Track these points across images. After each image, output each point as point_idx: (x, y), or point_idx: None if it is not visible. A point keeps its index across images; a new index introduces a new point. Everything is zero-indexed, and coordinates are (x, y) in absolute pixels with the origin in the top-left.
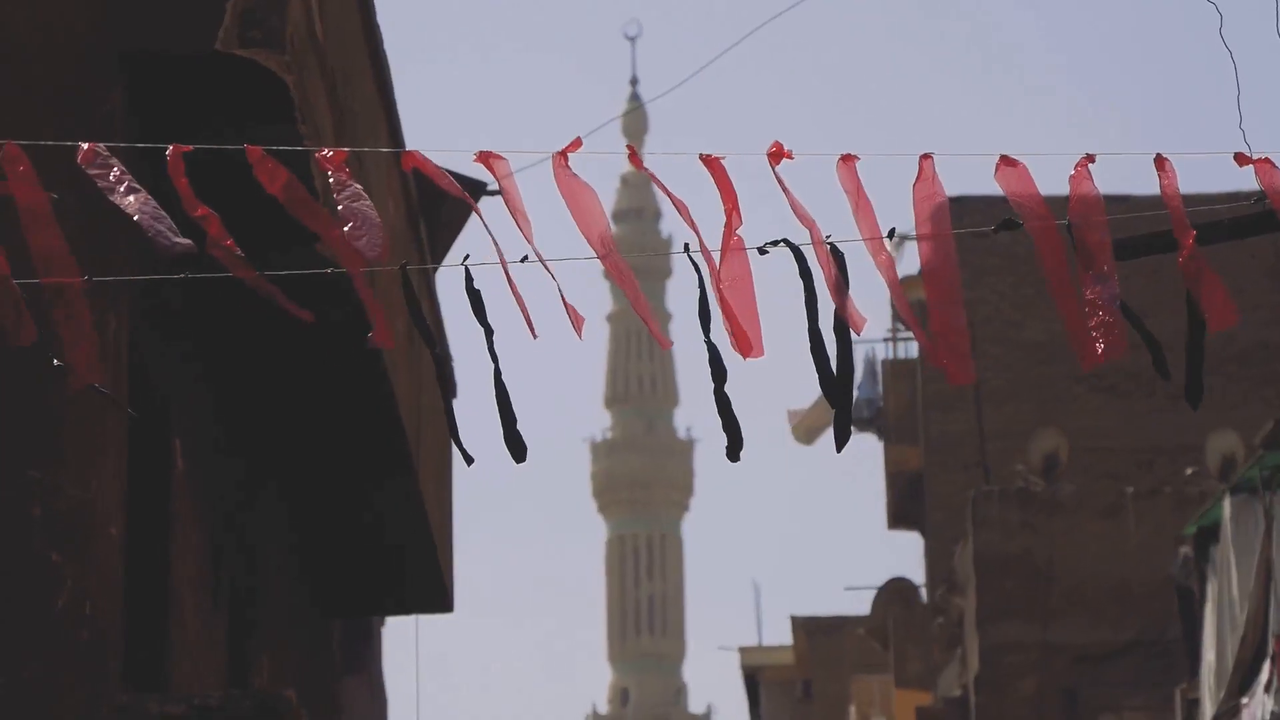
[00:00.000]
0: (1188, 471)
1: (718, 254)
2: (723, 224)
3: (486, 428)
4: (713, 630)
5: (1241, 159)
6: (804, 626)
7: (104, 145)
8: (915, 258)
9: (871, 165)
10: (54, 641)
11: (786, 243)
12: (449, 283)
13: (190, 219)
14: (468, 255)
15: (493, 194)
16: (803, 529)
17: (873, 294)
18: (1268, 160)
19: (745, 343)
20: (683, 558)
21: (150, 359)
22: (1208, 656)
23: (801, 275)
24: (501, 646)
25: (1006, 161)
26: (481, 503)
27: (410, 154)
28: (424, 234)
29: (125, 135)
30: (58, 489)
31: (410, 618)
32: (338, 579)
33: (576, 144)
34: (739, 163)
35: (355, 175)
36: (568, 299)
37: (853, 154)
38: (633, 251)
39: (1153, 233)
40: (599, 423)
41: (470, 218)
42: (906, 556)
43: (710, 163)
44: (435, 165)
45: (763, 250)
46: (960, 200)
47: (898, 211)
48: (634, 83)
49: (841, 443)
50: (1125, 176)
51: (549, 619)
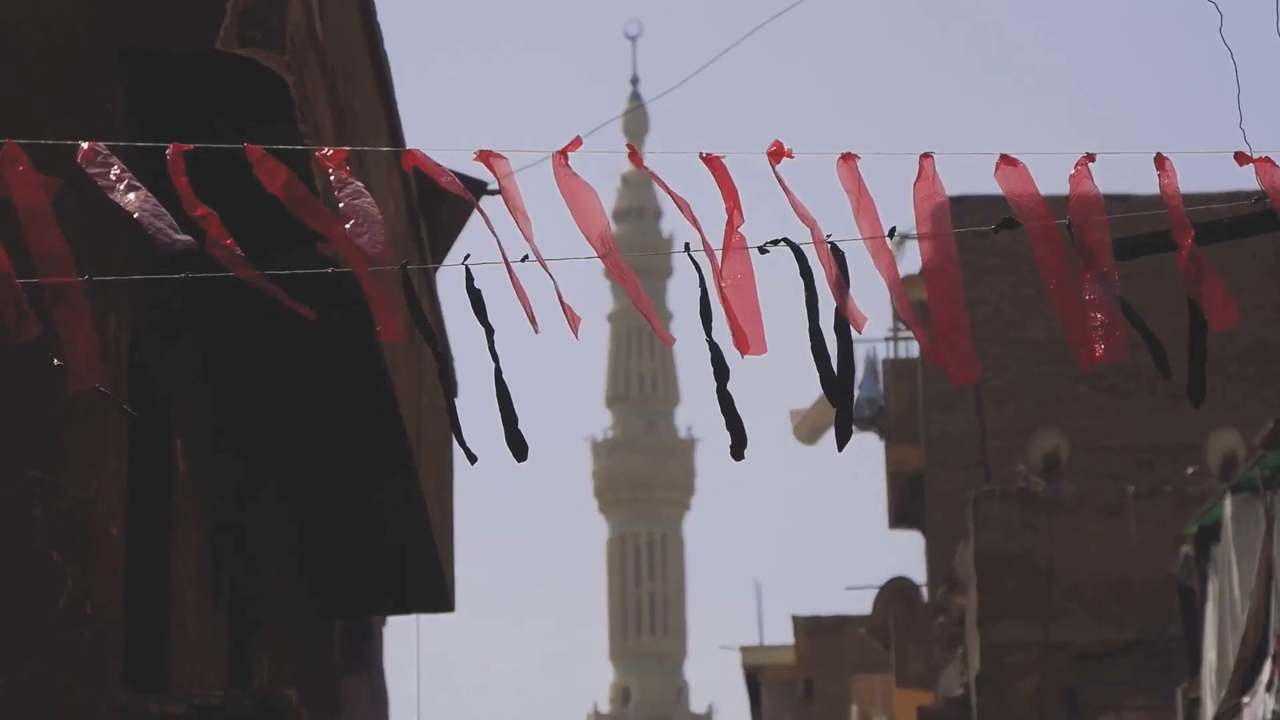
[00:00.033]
0: (1189, 471)
1: (719, 253)
2: (723, 223)
3: (487, 427)
4: (714, 629)
5: (1242, 158)
6: (805, 626)
7: (104, 144)
8: (916, 257)
9: (872, 164)
10: (55, 641)
11: (787, 242)
12: (449, 283)
13: (190, 218)
14: (468, 255)
15: (493, 193)
16: (804, 528)
17: (873, 293)
18: (1268, 159)
19: (747, 340)
20: (684, 557)
21: (151, 359)
22: (1209, 656)
23: (802, 274)
24: (503, 646)
25: (1007, 161)
26: (482, 502)
27: (410, 153)
28: (424, 234)
29: (125, 135)
30: (58, 489)
31: (411, 617)
32: (339, 578)
33: (576, 143)
34: (739, 162)
35: (355, 174)
36: (569, 299)
37: (853, 153)
38: (633, 251)
39: (1153, 232)
40: (600, 422)
41: (470, 218)
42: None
43: (711, 162)
44: (435, 163)
45: (763, 249)
46: (961, 200)
47: (898, 211)
48: (635, 82)
49: (843, 442)
50: (1126, 176)
51: (550, 618)
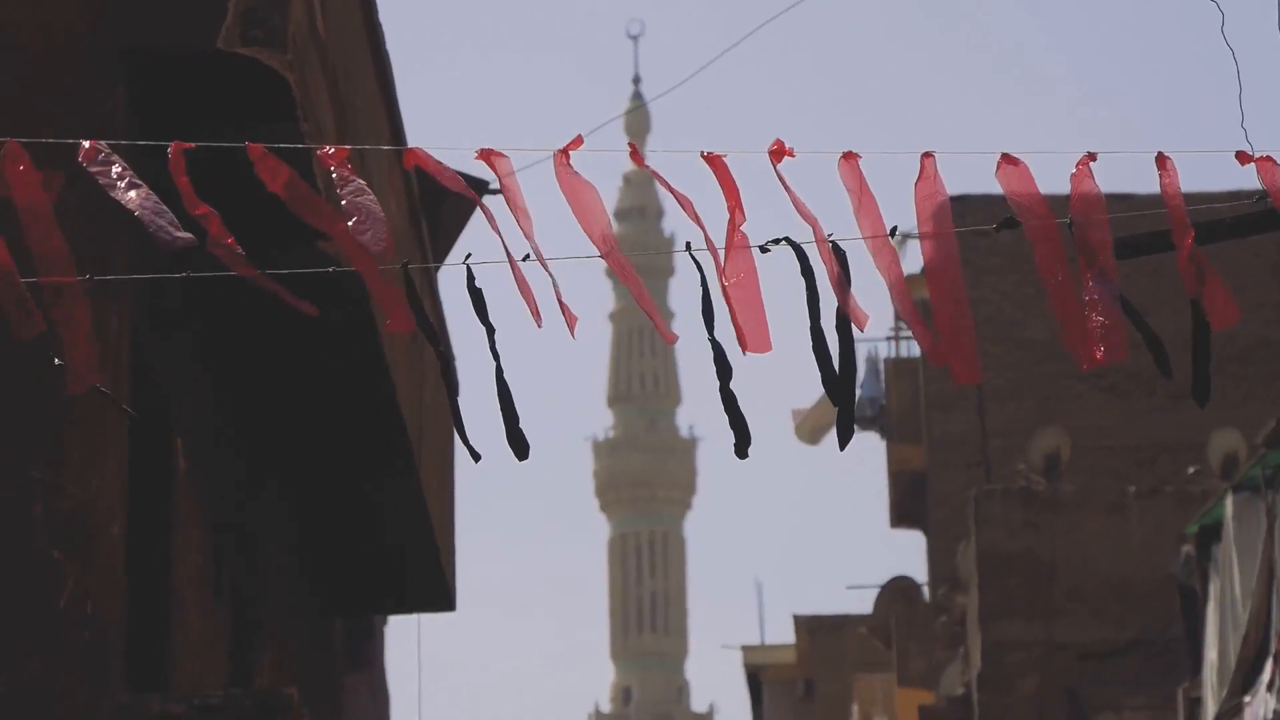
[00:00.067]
0: (1190, 470)
1: (721, 251)
2: (725, 222)
3: (488, 426)
4: (715, 629)
5: (1243, 157)
6: (806, 625)
7: (105, 143)
8: (917, 257)
9: (873, 164)
10: (55, 640)
11: (788, 241)
12: (451, 282)
13: (192, 217)
14: (469, 254)
15: (494, 193)
16: (805, 527)
17: (875, 292)
18: (1269, 159)
19: (750, 338)
20: (685, 556)
21: (152, 358)
22: (1210, 655)
23: (803, 273)
24: (504, 645)
25: (1008, 160)
26: (484, 501)
27: (412, 151)
28: (425, 233)
29: (126, 134)
30: (59, 488)
31: (412, 616)
32: (340, 578)
33: (578, 142)
34: (741, 161)
35: (357, 173)
36: (570, 298)
37: (854, 152)
38: (635, 250)
39: (1154, 232)
40: (601, 421)
41: (471, 218)
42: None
43: (712, 160)
44: (437, 161)
45: (764, 248)
46: (962, 199)
47: (899, 210)
48: (636, 81)
49: (844, 441)
50: (1127, 175)
51: (551, 617)
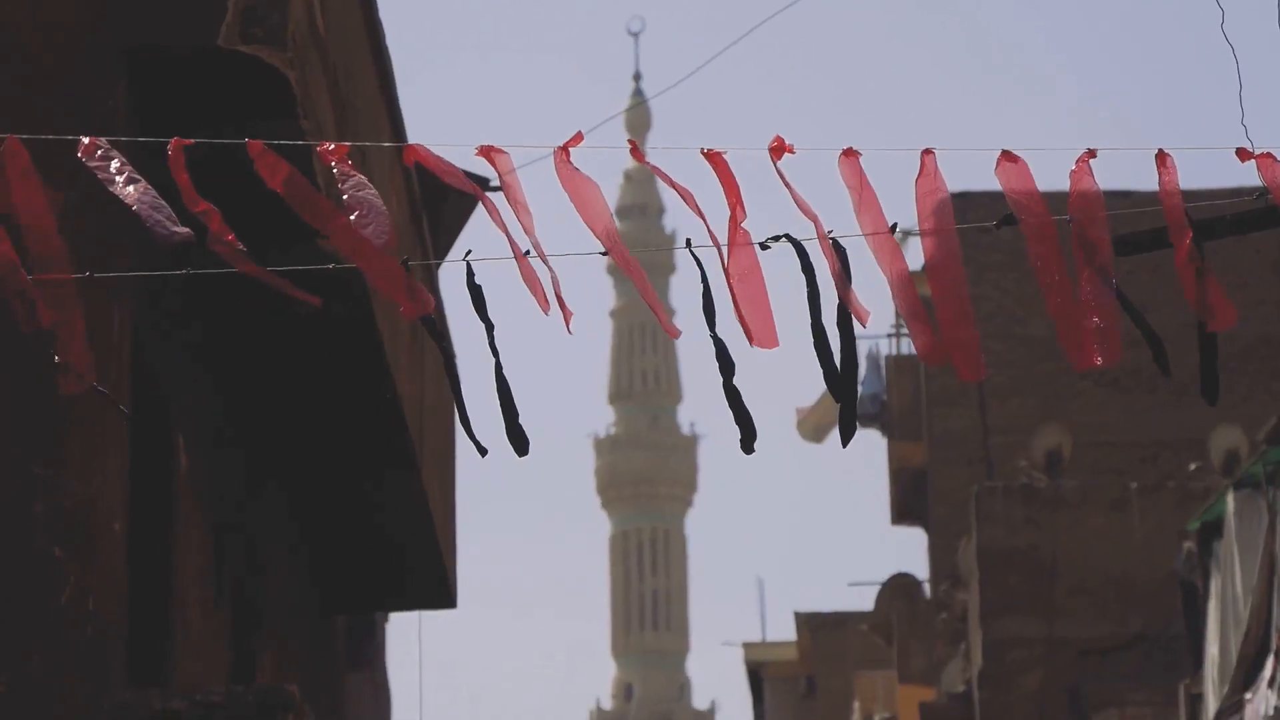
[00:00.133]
0: (1191, 467)
1: (724, 246)
2: (725, 219)
3: (489, 422)
4: (716, 626)
5: (1243, 154)
6: (807, 622)
7: (105, 139)
8: (917, 254)
9: (873, 161)
10: (57, 638)
11: (789, 238)
12: (451, 280)
13: (192, 215)
14: (469, 251)
15: (494, 190)
16: (806, 525)
17: (876, 289)
18: (1270, 155)
19: (757, 333)
20: (686, 553)
21: (153, 357)
22: (1211, 651)
23: (804, 270)
24: (505, 642)
25: (1008, 157)
26: (485, 498)
27: (412, 148)
28: (426, 230)
29: (127, 132)
30: (60, 485)
31: (414, 613)
32: (341, 575)
33: (578, 138)
34: (741, 158)
35: (357, 171)
36: (571, 295)
37: (855, 149)
38: (636, 247)
39: (1154, 229)
40: (603, 418)
41: (471, 216)
42: (910, 552)
43: (712, 157)
44: (437, 157)
45: (765, 245)
46: (964, 196)
47: (900, 207)
48: (637, 78)
49: (847, 437)
50: (1128, 172)
51: (553, 615)
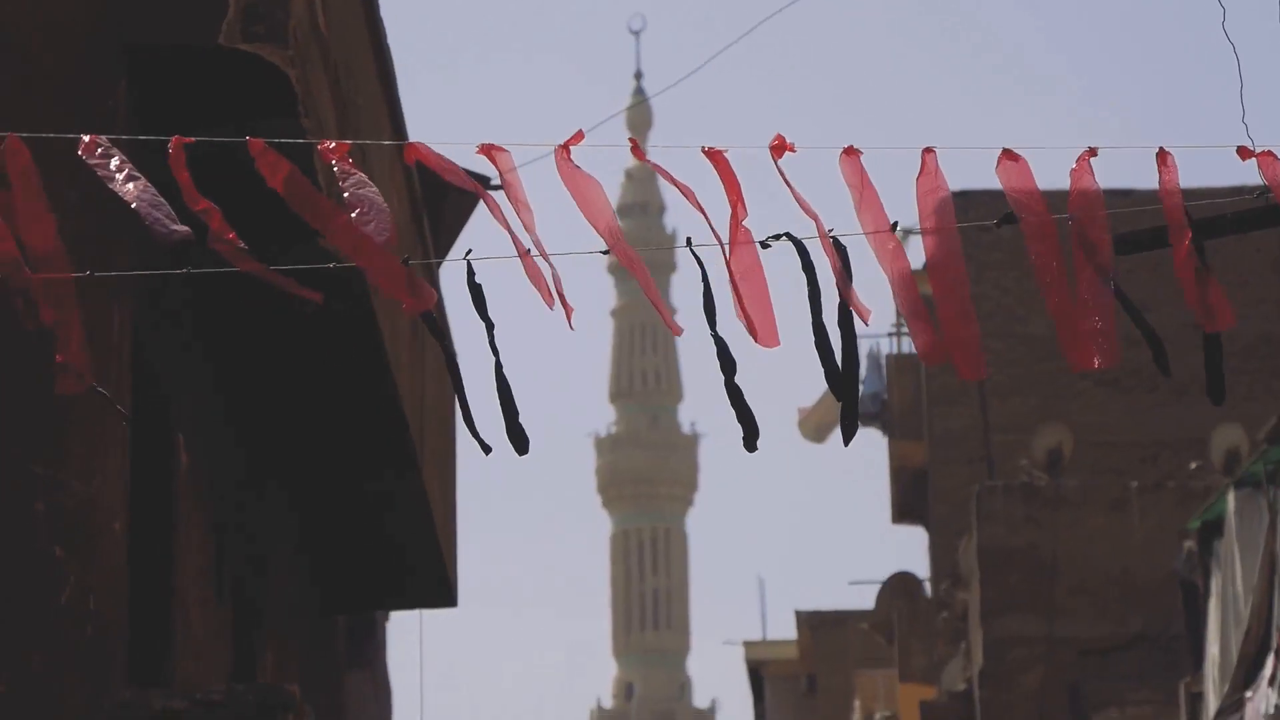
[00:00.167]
0: (1192, 466)
1: (726, 244)
2: (727, 218)
3: (490, 422)
4: (717, 625)
5: (1244, 153)
6: (808, 621)
7: (105, 137)
8: (918, 253)
9: (874, 159)
10: (57, 637)
11: (789, 236)
12: (451, 279)
13: (192, 213)
14: (470, 250)
15: (495, 188)
16: (807, 523)
17: (876, 288)
18: (1270, 154)
19: (760, 331)
20: (687, 552)
21: (153, 356)
22: (1211, 650)
23: (805, 269)
24: (506, 641)
25: (1008, 156)
26: (486, 497)
27: (413, 146)
28: (427, 229)
29: (128, 130)
30: (61, 485)
31: (414, 612)
32: (342, 574)
33: (579, 136)
34: (742, 156)
35: (358, 169)
36: (573, 294)
37: (856, 147)
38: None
39: (1155, 228)
40: (603, 417)
41: (471, 216)
42: (911, 551)
43: (713, 156)
44: (438, 155)
45: (765, 244)
46: (965, 195)
47: (901, 206)
48: (638, 77)
49: (849, 435)
50: (1128, 171)
51: (553, 614)
